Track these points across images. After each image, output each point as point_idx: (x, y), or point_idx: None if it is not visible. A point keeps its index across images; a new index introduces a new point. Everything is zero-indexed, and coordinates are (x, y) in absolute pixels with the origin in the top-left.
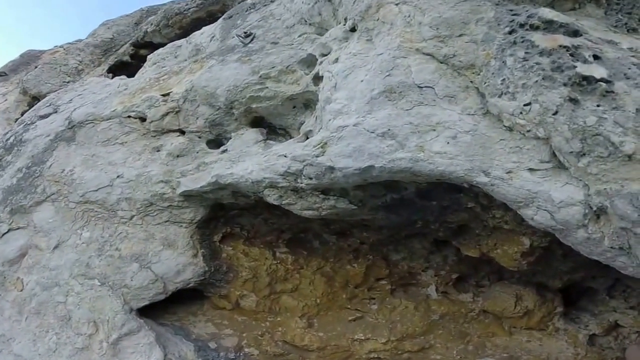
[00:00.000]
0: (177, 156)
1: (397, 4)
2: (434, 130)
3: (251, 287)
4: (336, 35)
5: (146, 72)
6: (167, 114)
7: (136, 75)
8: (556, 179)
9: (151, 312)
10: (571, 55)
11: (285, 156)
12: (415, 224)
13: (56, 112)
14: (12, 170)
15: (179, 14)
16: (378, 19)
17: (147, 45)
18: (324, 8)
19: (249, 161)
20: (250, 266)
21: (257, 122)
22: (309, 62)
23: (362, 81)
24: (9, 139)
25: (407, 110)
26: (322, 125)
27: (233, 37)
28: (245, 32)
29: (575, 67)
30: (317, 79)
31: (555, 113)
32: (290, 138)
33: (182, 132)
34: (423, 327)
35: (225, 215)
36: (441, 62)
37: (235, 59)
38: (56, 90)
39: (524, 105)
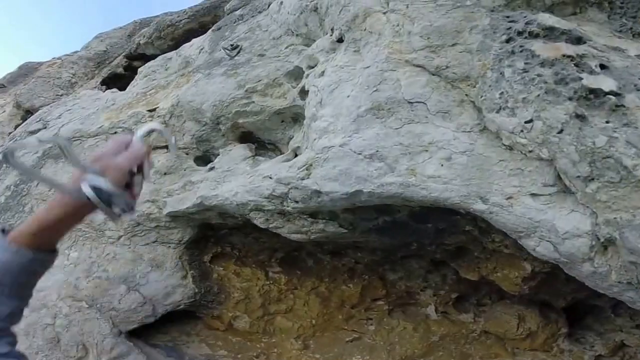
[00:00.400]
0: (164, 174)
1: (384, 13)
2: (427, 150)
3: (244, 309)
4: (323, 47)
5: (136, 86)
6: (153, 130)
7: (127, 89)
8: (561, 206)
9: (143, 332)
10: (576, 65)
11: (270, 177)
12: (410, 246)
13: (46, 127)
14: (0, 188)
15: (170, 26)
16: (365, 29)
17: (141, 57)
18: (310, 18)
19: (235, 182)
20: (242, 287)
21: (246, 137)
22: (296, 74)
23: (348, 97)
24: None
25: (397, 129)
26: (308, 144)
27: (220, 50)
28: (232, 45)
29: (580, 78)
30: (304, 92)
31: (560, 132)
32: (280, 153)
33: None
34: (422, 348)
35: (215, 234)
36: (433, 75)
37: (222, 72)
38: (49, 104)
39: (525, 122)
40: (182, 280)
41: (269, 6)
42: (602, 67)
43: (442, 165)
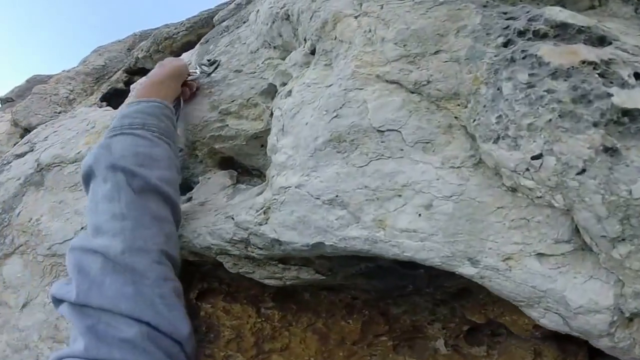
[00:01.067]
0: None
1: (356, 17)
2: (400, 195)
3: (236, 348)
4: (296, 60)
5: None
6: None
7: (104, 114)
8: (576, 271)
9: None
10: (601, 75)
11: (232, 219)
12: (405, 288)
13: (32, 150)
14: None
15: (168, 39)
16: (335, 38)
17: (140, 71)
18: (284, 28)
19: (202, 219)
20: (232, 325)
21: (227, 162)
22: (272, 93)
23: (306, 124)
24: None
25: (361, 167)
26: (268, 182)
27: (196, 68)
28: (209, 60)
29: (609, 95)
30: (272, 116)
31: (582, 172)
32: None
33: None
34: None
35: (199, 270)
36: (411, 92)
37: (197, 93)
38: (46, 122)
39: (532, 158)
40: None
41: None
42: (638, 76)
43: (419, 215)
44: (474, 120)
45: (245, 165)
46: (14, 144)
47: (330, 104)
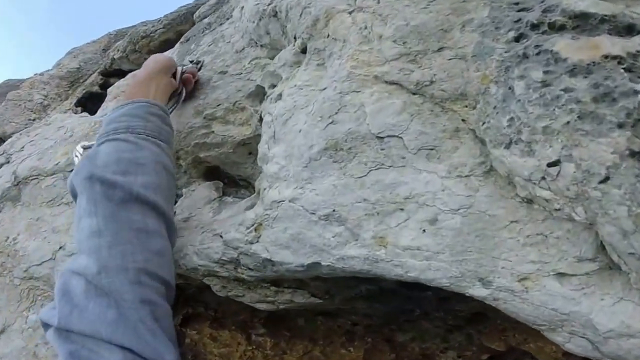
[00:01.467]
0: None
1: (350, 13)
2: (402, 209)
3: None
4: (286, 60)
5: (105, 109)
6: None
7: (97, 113)
8: (604, 292)
9: None
10: (627, 70)
11: (220, 237)
12: (412, 312)
13: (8, 162)
14: None
15: (145, 37)
16: (328, 36)
17: (117, 73)
18: (271, 25)
19: (185, 239)
20: (220, 353)
21: (212, 172)
22: (260, 96)
23: (300, 131)
24: None
25: (360, 177)
26: (260, 195)
27: (182, 65)
28: (191, 61)
29: (637, 92)
30: (261, 121)
31: (605, 181)
32: (254, 192)
33: None
34: None
35: (183, 293)
36: (413, 94)
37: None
38: (21, 130)
39: (549, 165)
40: None
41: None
42: None
43: (423, 231)
44: (484, 123)
45: (232, 175)
46: None
47: (324, 109)
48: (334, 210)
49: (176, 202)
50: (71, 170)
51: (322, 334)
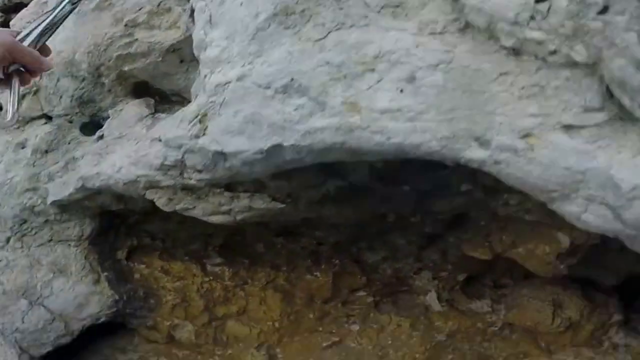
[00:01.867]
0: (45, 152)
1: None
2: (372, 70)
3: (183, 315)
4: None
5: None
6: (23, 96)
7: None
8: (620, 144)
9: (66, 352)
10: None
11: (159, 140)
12: (385, 219)
13: None
14: None
15: None
16: None
17: (18, 7)
18: None
19: (119, 152)
20: (175, 287)
21: (141, 89)
22: None
23: (241, 4)
24: None
25: (319, 40)
26: (200, 84)
27: None
28: None
29: None
30: (193, 14)
31: (604, 10)
32: None
33: (49, 118)
34: (425, 352)
35: (124, 222)
36: None
37: (94, 6)
38: None
39: (537, 1)
40: (95, 286)
41: None
42: None
43: (401, 91)
44: None
45: (163, 91)
46: None
47: None
48: (292, 79)
49: (102, 125)
50: None
51: (284, 259)
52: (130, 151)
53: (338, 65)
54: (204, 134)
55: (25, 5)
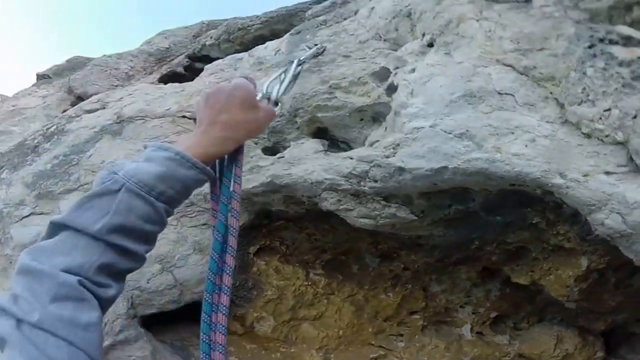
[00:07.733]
0: None
1: (477, 20)
2: (512, 133)
3: (272, 309)
4: (412, 50)
5: (205, 79)
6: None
7: (194, 81)
8: (632, 181)
9: (153, 326)
10: None
11: (351, 158)
12: (471, 244)
13: (104, 108)
14: (48, 156)
15: (241, 29)
16: (458, 34)
17: (204, 58)
18: (402, 23)
19: (310, 163)
20: (278, 285)
21: (320, 133)
22: (382, 75)
23: (441, 86)
24: (49, 128)
25: (487, 113)
26: (395, 129)
27: (302, 49)
28: (315, 44)
29: None
30: (391, 89)
31: (635, 117)
32: None
33: None
34: None
35: (269, 225)
36: (521, 74)
37: (305, 68)
38: (101, 93)
39: (604, 110)
40: None
41: (355, 13)
42: None
43: (526, 145)
44: (565, 93)
45: (336, 137)
46: (63, 110)
47: (463, 73)
48: (467, 130)
49: (280, 151)
50: (182, 117)
51: (370, 279)
52: (323, 162)
53: (495, 127)
54: (393, 155)
55: (211, 58)
